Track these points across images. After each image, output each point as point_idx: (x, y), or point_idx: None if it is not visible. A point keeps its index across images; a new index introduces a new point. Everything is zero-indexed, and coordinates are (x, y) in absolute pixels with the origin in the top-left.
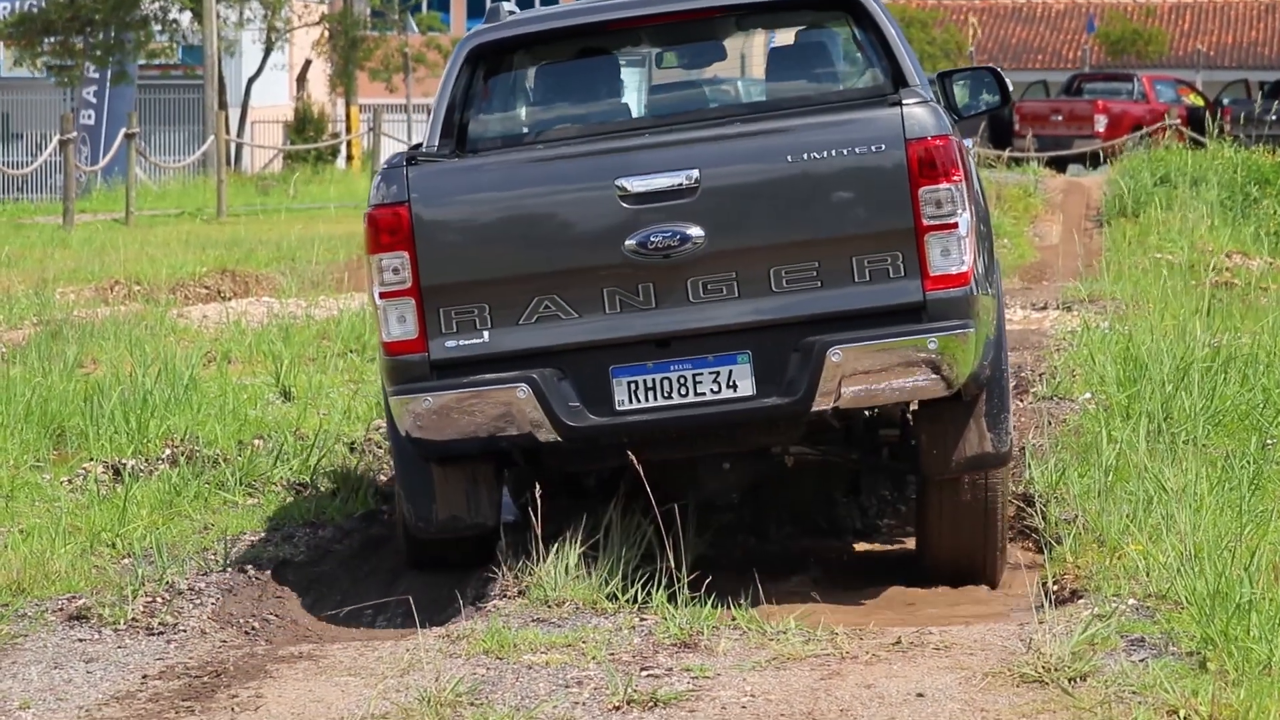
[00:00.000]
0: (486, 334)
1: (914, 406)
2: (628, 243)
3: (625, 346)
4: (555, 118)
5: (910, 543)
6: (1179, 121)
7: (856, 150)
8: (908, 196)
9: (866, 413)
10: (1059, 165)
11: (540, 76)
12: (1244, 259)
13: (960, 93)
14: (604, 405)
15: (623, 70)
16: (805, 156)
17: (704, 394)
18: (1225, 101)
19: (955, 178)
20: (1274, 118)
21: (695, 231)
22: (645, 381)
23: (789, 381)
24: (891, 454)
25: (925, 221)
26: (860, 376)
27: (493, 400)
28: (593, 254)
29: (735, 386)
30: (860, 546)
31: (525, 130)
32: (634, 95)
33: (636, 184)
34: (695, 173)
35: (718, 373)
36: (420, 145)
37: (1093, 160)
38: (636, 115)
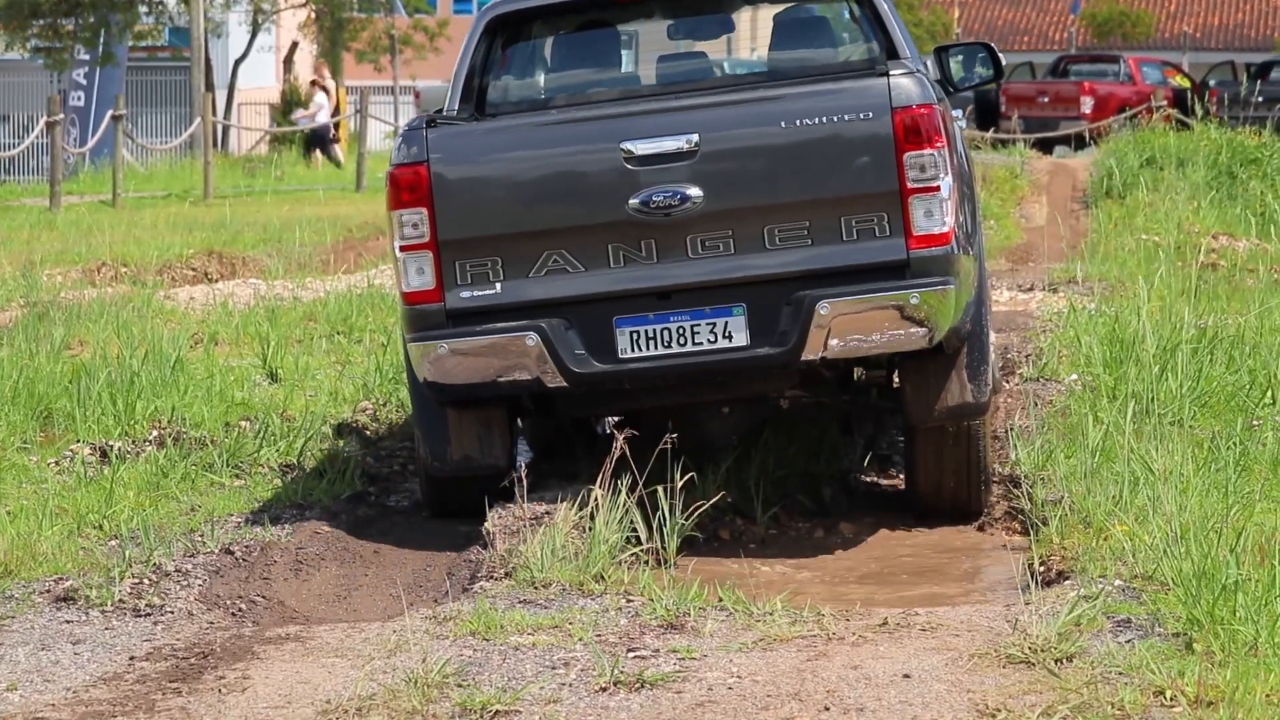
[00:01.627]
0: (499, 285)
1: (899, 359)
2: (631, 202)
3: (628, 298)
4: (568, 84)
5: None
6: (1165, 103)
7: (846, 117)
8: (893, 161)
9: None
10: (1045, 147)
11: (554, 45)
12: (1230, 240)
13: (956, 67)
14: (608, 353)
15: (631, 39)
16: (798, 123)
17: (701, 344)
18: (1211, 83)
19: (938, 144)
20: (1260, 99)
21: (694, 192)
22: (646, 331)
23: (781, 333)
24: (879, 393)
25: (909, 185)
26: (847, 329)
27: (504, 348)
28: (599, 212)
29: (731, 337)
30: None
31: (540, 96)
32: (642, 64)
33: (640, 147)
34: (695, 137)
35: (714, 324)
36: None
37: (1079, 142)
38: (645, 83)
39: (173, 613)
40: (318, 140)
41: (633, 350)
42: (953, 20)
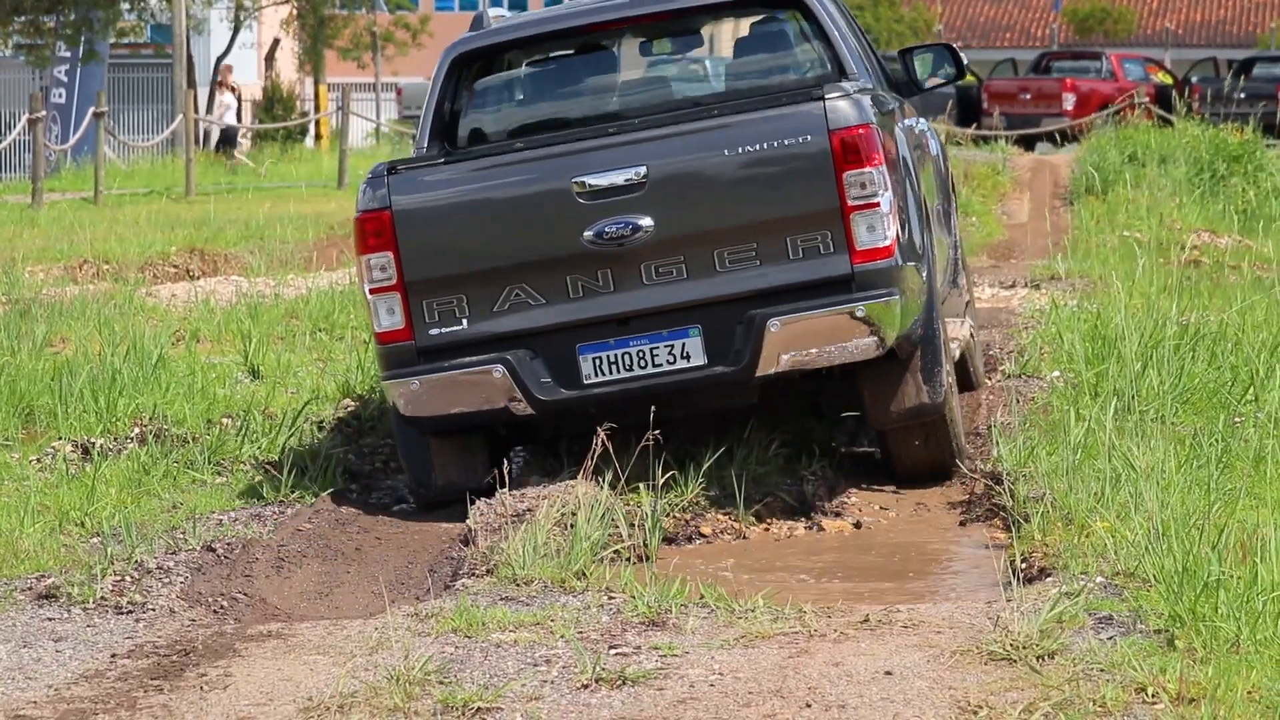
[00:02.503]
0: (465, 321)
1: (857, 366)
2: (586, 234)
3: (589, 326)
4: (533, 116)
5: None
6: (1147, 100)
7: (786, 141)
8: (833, 180)
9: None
10: (1027, 143)
11: (519, 78)
12: (1212, 237)
13: (920, 68)
14: (572, 380)
15: (599, 63)
16: (740, 149)
17: (661, 365)
18: (1194, 80)
19: (876, 161)
20: (1242, 96)
21: (645, 221)
22: (608, 357)
23: (736, 351)
24: (842, 374)
25: (850, 202)
26: (798, 344)
27: (472, 380)
28: (555, 245)
29: (689, 357)
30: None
31: (507, 128)
32: (603, 92)
33: (591, 180)
34: (643, 169)
35: (672, 345)
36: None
37: (1061, 138)
38: (607, 110)
39: (154, 610)
40: (225, 140)
41: (596, 375)
42: (935, 17)
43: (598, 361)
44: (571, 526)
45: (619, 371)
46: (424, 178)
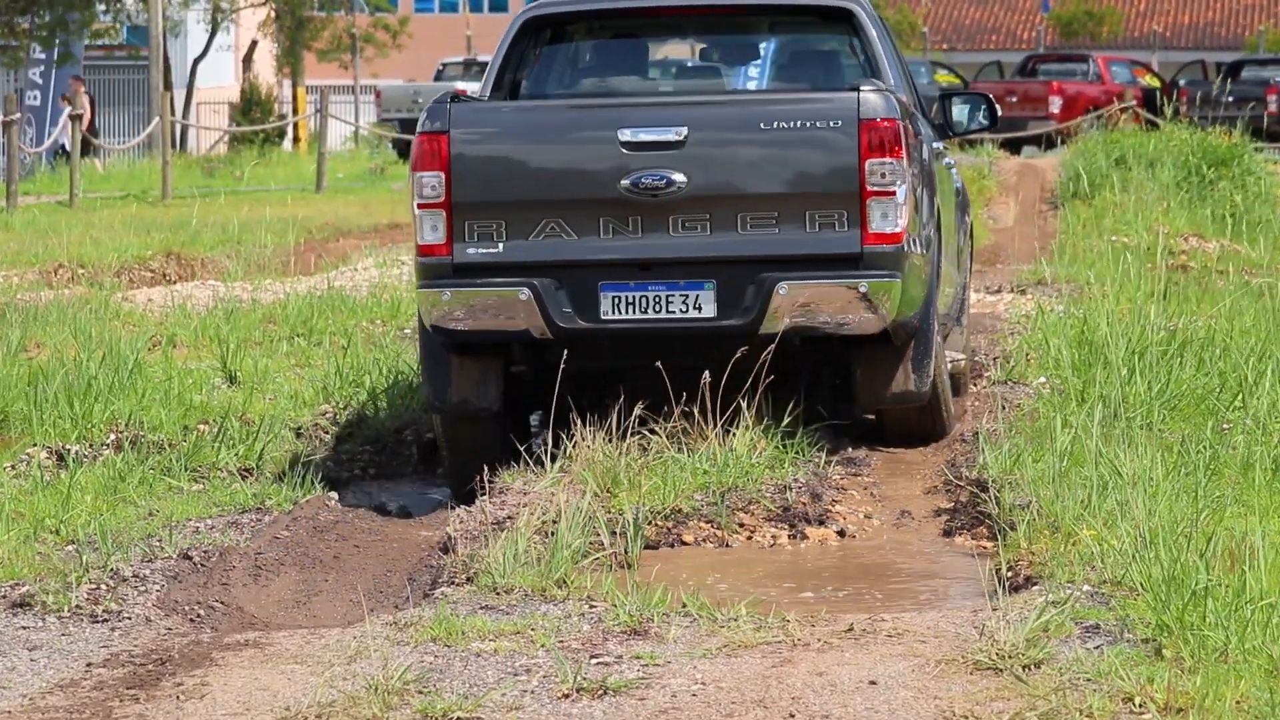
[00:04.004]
0: (501, 245)
1: (853, 352)
2: (623, 182)
3: (613, 266)
4: (589, 85)
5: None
6: (1135, 103)
7: (818, 124)
8: (856, 166)
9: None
10: (1013, 147)
11: (584, 50)
12: (1200, 242)
13: (958, 114)
14: (591, 313)
15: (650, 50)
16: (776, 125)
17: (674, 312)
18: (1181, 82)
19: (898, 154)
20: (1230, 99)
21: (679, 177)
22: (627, 297)
23: (744, 308)
24: (841, 343)
25: (869, 188)
26: (802, 308)
27: (500, 299)
28: (594, 188)
29: (700, 308)
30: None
31: (562, 90)
32: (659, 74)
33: (635, 134)
34: (684, 130)
35: (686, 295)
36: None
37: (1047, 142)
38: (658, 90)
39: (130, 619)
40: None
41: (613, 312)
42: (920, 19)
43: (616, 300)
44: (552, 534)
45: (634, 312)
46: (483, 110)
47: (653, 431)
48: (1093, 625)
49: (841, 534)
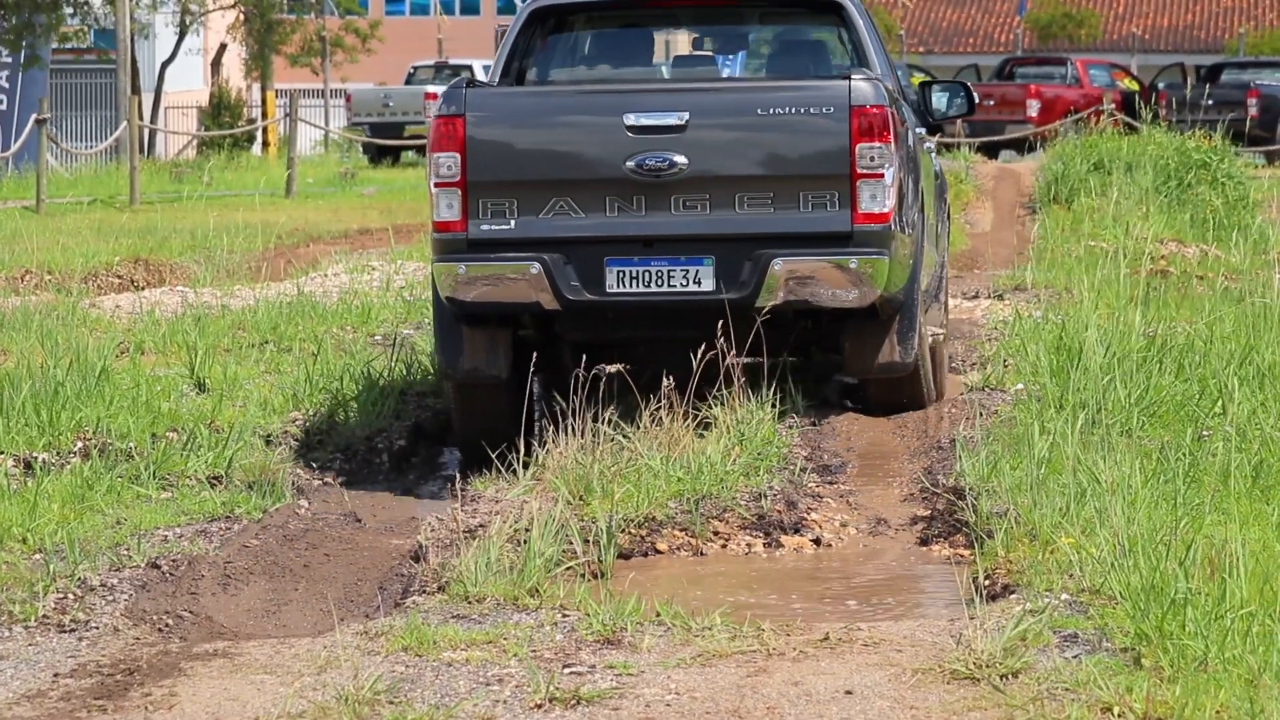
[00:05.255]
0: (513, 222)
1: (843, 325)
2: (628, 163)
3: (618, 243)
4: (593, 72)
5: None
6: (1113, 106)
7: (811, 110)
8: (847, 149)
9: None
10: (991, 151)
11: (587, 39)
12: (1179, 246)
13: (937, 101)
14: (597, 286)
15: (650, 40)
16: (772, 111)
17: (675, 286)
18: (1160, 86)
19: (886, 139)
20: (1210, 103)
21: (681, 160)
22: (631, 271)
23: (741, 282)
24: (831, 316)
25: (859, 170)
26: (796, 283)
27: (511, 273)
28: (601, 169)
29: (700, 283)
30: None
31: (569, 80)
32: (655, 60)
33: (639, 119)
34: (686, 115)
35: (687, 270)
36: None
37: (1025, 146)
38: (657, 77)
39: (98, 628)
40: None
41: (618, 286)
42: (895, 22)
43: (621, 274)
44: (524, 542)
45: (638, 285)
46: (497, 95)
47: (626, 437)
48: (1071, 634)
49: (817, 542)
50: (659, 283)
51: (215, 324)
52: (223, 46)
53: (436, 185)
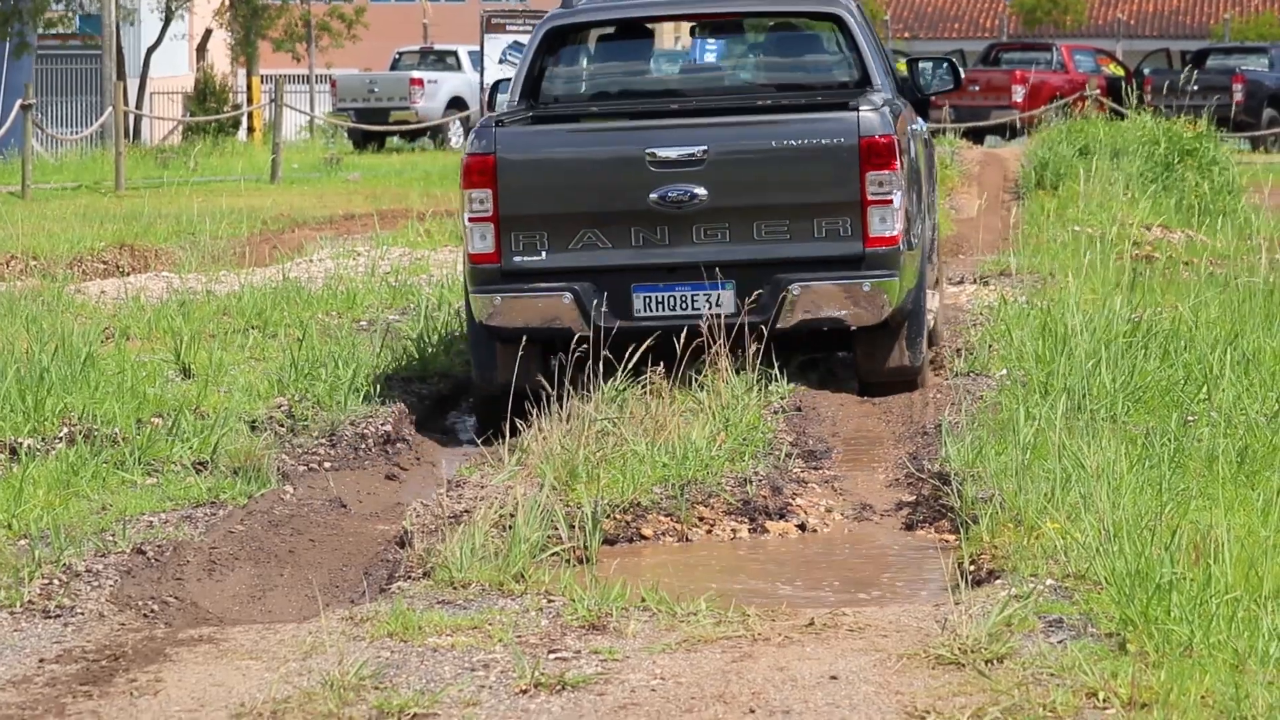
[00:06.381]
0: (544, 253)
1: (854, 330)
2: (652, 195)
3: (644, 270)
4: (607, 85)
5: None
6: (1099, 92)
7: (823, 141)
8: (858, 178)
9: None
10: (976, 136)
11: (599, 53)
12: (1165, 232)
13: (925, 76)
14: (625, 311)
15: (661, 53)
16: (785, 143)
17: (699, 309)
18: (1146, 71)
19: (894, 166)
20: (1196, 88)
21: (701, 191)
22: (657, 297)
23: (760, 305)
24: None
25: (869, 197)
26: (812, 305)
27: (544, 302)
28: (626, 201)
29: (721, 305)
30: None
31: (583, 93)
32: (666, 72)
33: (661, 153)
34: (705, 148)
35: (710, 294)
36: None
37: (1010, 131)
38: (668, 87)
39: (83, 614)
40: None
41: (645, 310)
42: (881, 7)
43: (648, 299)
44: (510, 528)
45: (664, 310)
46: (525, 133)
47: (611, 422)
48: (1056, 619)
49: (802, 528)
50: (683, 306)
51: (201, 309)
52: (208, 32)
53: (471, 220)
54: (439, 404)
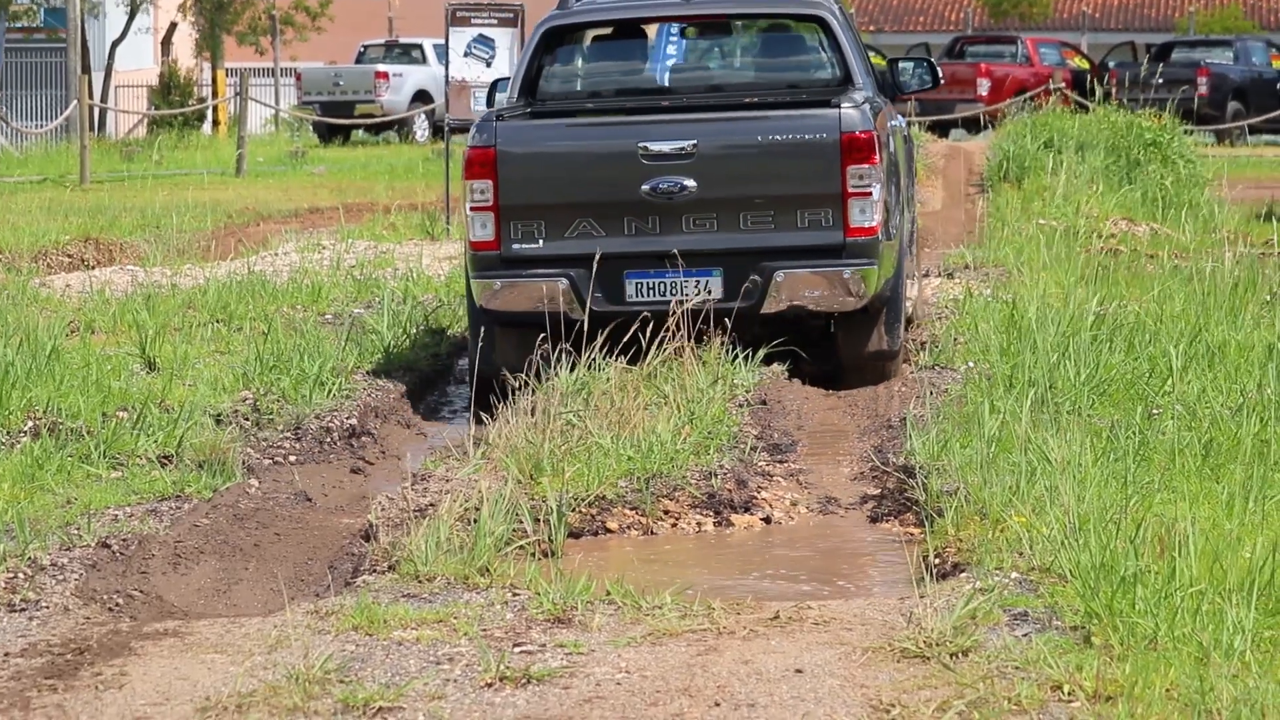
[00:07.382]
0: (541, 241)
1: (835, 316)
2: (644, 187)
3: (636, 258)
4: (602, 83)
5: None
6: (1064, 85)
7: (806, 136)
8: (839, 171)
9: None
10: (941, 130)
11: (594, 52)
12: (1130, 225)
13: (904, 75)
14: (618, 297)
15: (655, 49)
16: (771, 138)
17: (688, 295)
18: (1111, 64)
19: (873, 160)
20: (1160, 81)
21: (690, 183)
22: (648, 283)
23: (746, 291)
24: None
25: (849, 189)
26: (796, 291)
27: (541, 288)
28: (619, 192)
29: (710, 292)
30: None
31: (579, 90)
32: (657, 70)
33: (653, 146)
34: (694, 142)
35: (699, 281)
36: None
37: (975, 125)
38: (659, 85)
39: (48, 608)
40: None
41: (637, 296)
42: (846, 0)
43: (639, 286)
44: (475, 521)
45: (654, 295)
46: (524, 127)
47: (576, 415)
48: (1021, 613)
49: (768, 521)
50: (673, 292)
51: (165, 303)
52: (173, 25)
53: (472, 209)
54: (404, 397)
